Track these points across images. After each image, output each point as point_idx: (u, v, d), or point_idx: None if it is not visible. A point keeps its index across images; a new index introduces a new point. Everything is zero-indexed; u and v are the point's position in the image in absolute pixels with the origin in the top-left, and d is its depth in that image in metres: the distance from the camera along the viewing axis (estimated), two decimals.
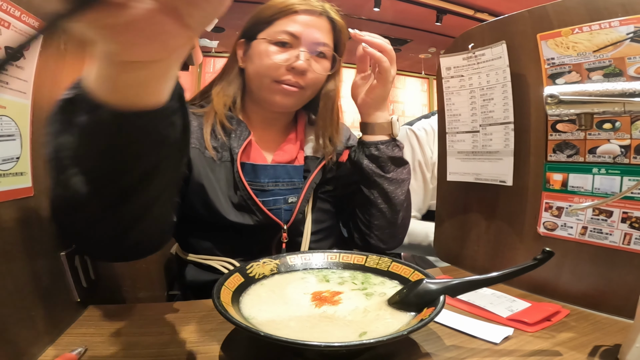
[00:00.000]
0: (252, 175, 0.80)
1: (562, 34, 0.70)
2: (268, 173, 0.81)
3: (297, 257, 0.68)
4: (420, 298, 0.52)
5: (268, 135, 0.87)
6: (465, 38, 0.86)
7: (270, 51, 0.77)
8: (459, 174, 0.90)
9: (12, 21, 0.47)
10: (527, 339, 0.56)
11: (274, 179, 0.82)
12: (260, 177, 0.80)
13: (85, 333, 0.56)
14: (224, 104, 0.81)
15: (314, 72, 0.79)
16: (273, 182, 0.81)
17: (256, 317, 0.51)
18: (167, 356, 0.50)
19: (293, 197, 0.83)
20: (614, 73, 0.65)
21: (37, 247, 0.53)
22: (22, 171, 0.50)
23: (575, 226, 0.71)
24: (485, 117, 0.83)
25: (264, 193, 0.80)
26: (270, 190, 0.81)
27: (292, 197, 0.83)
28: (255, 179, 0.80)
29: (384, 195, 0.81)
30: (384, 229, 0.85)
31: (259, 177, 0.80)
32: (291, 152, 0.86)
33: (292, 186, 0.84)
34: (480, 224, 0.88)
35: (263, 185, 0.80)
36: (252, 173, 0.80)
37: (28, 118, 0.51)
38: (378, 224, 0.84)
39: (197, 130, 0.78)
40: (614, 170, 0.67)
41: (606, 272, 0.66)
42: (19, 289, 0.48)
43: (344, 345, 0.42)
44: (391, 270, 0.64)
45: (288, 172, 0.84)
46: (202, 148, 0.77)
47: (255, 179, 0.80)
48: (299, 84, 0.78)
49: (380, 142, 0.80)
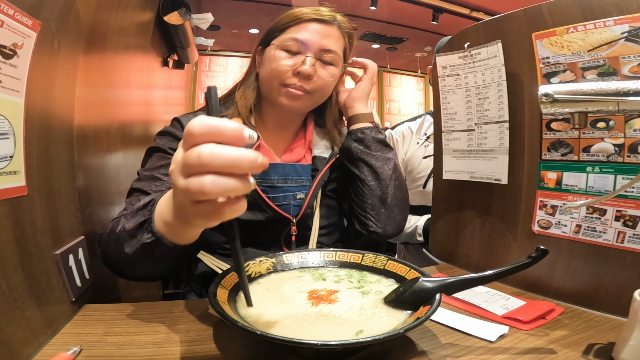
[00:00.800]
0: (263, 173, 0.83)
1: (556, 33, 0.70)
2: (277, 171, 0.86)
3: (294, 256, 0.68)
4: (416, 296, 0.52)
5: (279, 136, 0.91)
6: (460, 37, 0.86)
7: (279, 56, 0.81)
8: (454, 172, 0.91)
9: (6, 20, 0.46)
10: (522, 337, 0.56)
11: (283, 176, 0.87)
12: (270, 175, 0.85)
13: (80, 333, 0.56)
14: (246, 107, 0.86)
15: (320, 77, 0.83)
16: (282, 179, 0.87)
17: (252, 316, 0.51)
18: (162, 355, 0.50)
19: (301, 193, 0.88)
20: (608, 72, 0.65)
21: (31, 247, 0.53)
22: (15, 170, 0.50)
23: (569, 224, 0.71)
24: (480, 116, 0.84)
25: (273, 189, 0.85)
26: (279, 186, 0.86)
27: (300, 194, 0.88)
28: (266, 176, 0.85)
29: (372, 171, 0.86)
30: (378, 208, 0.86)
31: (269, 175, 0.85)
32: (299, 152, 0.91)
33: (301, 183, 0.89)
34: (474, 222, 0.88)
35: (273, 182, 0.85)
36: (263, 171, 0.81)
37: (21, 117, 0.51)
38: (371, 202, 0.86)
39: None
40: (607, 169, 0.67)
41: (600, 270, 0.67)
42: (13, 288, 0.48)
43: (341, 344, 0.42)
44: (387, 268, 0.64)
45: (297, 170, 0.89)
46: None
47: (266, 177, 0.85)
48: (303, 88, 0.81)
49: (365, 128, 0.88)
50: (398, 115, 7.32)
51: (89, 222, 0.75)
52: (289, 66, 0.80)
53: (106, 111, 1.04)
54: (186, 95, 3.72)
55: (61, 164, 0.63)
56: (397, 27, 5.43)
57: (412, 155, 1.43)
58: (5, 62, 0.47)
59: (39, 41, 0.53)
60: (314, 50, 0.81)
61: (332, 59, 0.83)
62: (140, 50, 1.47)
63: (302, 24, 0.82)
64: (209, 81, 5.69)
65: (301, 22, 0.82)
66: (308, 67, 0.79)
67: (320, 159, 0.90)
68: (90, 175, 0.85)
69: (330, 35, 0.83)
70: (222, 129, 0.37)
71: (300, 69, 0.80)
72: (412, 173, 1.41)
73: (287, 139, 0.93)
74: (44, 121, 0.57)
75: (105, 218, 0.89)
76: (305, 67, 0.79)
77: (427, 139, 1.43)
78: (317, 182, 0.87)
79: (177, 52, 2.20)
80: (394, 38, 5.92)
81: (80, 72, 0.71)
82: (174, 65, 2.28)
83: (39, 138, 0.55)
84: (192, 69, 5.35)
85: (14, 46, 0.48)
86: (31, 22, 0.51)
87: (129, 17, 1.18)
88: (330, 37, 0.83)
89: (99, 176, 0.91)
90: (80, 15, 0.67)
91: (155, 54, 1.81)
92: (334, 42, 0.83)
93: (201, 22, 2.14)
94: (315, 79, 0.82)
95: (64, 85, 0.64)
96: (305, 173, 0.90)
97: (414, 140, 1.46)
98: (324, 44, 0.82)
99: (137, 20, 1.32)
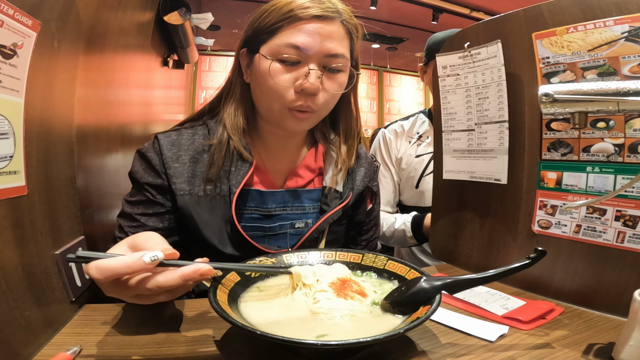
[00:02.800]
0: (259, 200, 0.76)
1: (556, 33, 0.70)
2: (276, 199, 0.77)
3: (294, 256, 0.67)
4: (417, 296, 0.52)
5: (282, 156, 0.80)
6: (460, 37, 0.86)
7: (275, 70, 0.66)
8: (454, 172, 0.90)
9: (6, 19, 0.46)
10: (522, 336, 0.56)
11: (282, 204, 0.77)
12: (267, 203, 0.76)
13: (80, 332, 0.56)
14: (237, 129, 0.74)
15: (327, 90, 0.69)
16: (281, 207, 0.77)
17: (253, 316, 0.51)
18: (162, 355, 0.50)
19: (301, 222, 0.78)
20: (608, 72, 0.65)
21: (30, 246, 0.52)
22: (15, 170, 0.50)
23: (569, 224, 0.71)
24: (480, 116, 0.84)
25: (270, 219, 0.77)
26: (277, 215, 0.77)
27: (299, 222, 0.78)
28: (262, 204, 0.76)
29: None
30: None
31: (266, 203, 0.76)
32: (306, 176, 0.81)
33: (302, 211, 0.79)
34: (474, 222, 0.88)
35: (270, 210, 0.76)
36: (258, 198, 0.76)
37: (21, 116, 0.51)
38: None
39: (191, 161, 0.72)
40: (607, 169, 0.67)
41: (600, 270, 0.67)
42: (13, 288, 0.48)
43: (341, 344, 0.42)
44: (387, 268, 0.64)
45: (298, 197, 0.79)
46: (195, 187, 0.71)
47: (262, 205, 0.76)
48: (310, 108, 0.68)
49: None
50: (398, 115, 7.32)
51: (89, 222, 0.75)
52: (289, 83, 0.66)
53: (106, 111, 1.04)
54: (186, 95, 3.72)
55: (61, 164, 0.63)
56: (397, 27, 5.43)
57: (404, 153, 1.43)
58: (5, 62, 0.47)
59: (38, 41, 0.53)
60: (317, 58, 0.66)
61: (340, 64, 0.69)
62: (140, 50, 1.47)
63: (297, 23, 0.65)
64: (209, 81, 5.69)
65: (295, 21, 0.65)
66: (314, 81, 0.65)
67: (332, 193, 0.78)
68: (90, 175, 0.85)
69: (334, 34, 0.67)
70: (118, 272, 0.44)
71: (305, 86, 0.65)
72: (405, 170, 1.42)
73: (292, 157, 0.81)
74: (44, 121, 0.57)
75: (105, 218, 0.89)
76: (309, 82, 0.65)
77: (419, 138, 1.42)
78: (324, 219, 0.76)
79: (177, 52, 2.20)
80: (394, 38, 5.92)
81: (80, 72, 0.71)
82: (174, 65, 2.28)
83: (39, 138, 0.55)
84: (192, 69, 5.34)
85: (13, 46, 0.48)
86: (31, 22, 0.51)
87: (129, 17, 1.18)
88: (334, 37, 0.67)
89: (99, 176, 0.91)
90: (80, 15, 0.67)
91: (155, 54, 1.81)
92: (339, 42, 0.68)
93: (201, 22, 2.14)
94: (321, 95, 0.68)
95: (64, 85, 0.64)
96: (309, 200, 0.79)
97: (405, 138, 1.45)
98: (328, 48, 0.66)
99: (137, 20, 1.32)
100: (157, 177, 0.72)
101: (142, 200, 0.72)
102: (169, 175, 0.71)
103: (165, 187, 0.72)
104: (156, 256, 0.45)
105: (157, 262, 0.45)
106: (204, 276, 0.47)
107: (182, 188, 0.71)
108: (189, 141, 0.75)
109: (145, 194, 0.72)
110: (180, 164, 0.72)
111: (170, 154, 0.72)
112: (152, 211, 0.72)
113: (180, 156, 0.73)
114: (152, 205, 0.72)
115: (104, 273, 0.43)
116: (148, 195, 0.72)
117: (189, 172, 0.72)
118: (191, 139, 0.75)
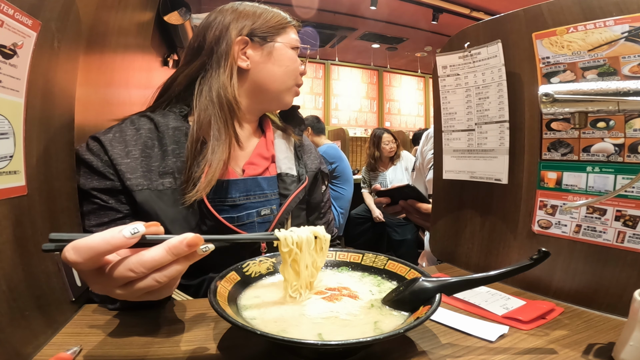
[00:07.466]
0: (223, 192, 0.77)
1: (557, 33, 0.70)
2: (239, 187, 0.79)
3: None
4: (416, 296, 0.52)
5: (242, 146, 0.84)
6: (460, 37, 0.86)
7: (295, 57, 0.86)
8: (454, 172, 0.90)
9: (6, 19, 0.46)
10: (522, 336, 0.56)
11: (245, 192, 0.80)
12: (231, 192, 0.78)
13: (80, 332, 0.56)
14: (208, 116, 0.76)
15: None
16: (244, 196, 0.79)
17: (252, 316, 0.51)
18: (162, 355, 0.50)
19: (266, 209, 0.82)
20: (609, 72, 0.65)
21: (30, 246, 0.52)
22: (15, 170, 0.50)
23: (569, 224, 0.71)
24: (480, 116, 0.84)
25: (235, 209, 0.78)
26: (241, 204, 0.79)
27: (265, 209, 0.81)
28: (227, 195, 0.77)
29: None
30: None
31: (230, 193, 0.78)
32: (262, 164, 0.85)
33: (265, 198, 0.82)
34: (474, 222, 0.88)
35: (235, 199, 0.78)
36: (222, 189, 0.77)
37: (21, 116, 0.51)
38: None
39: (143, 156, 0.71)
40: (607, 169, 0.67)
41: (600, 270, 0.67)
42: (13, 288, 0.48)
43: (341, 344, 0.42)
44: (387, 268, 0.64)
45: (259, 185, 0.82)
46: (154, 182, 0.70)
47: (227, 195, 0.77)
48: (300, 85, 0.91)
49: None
50: (398, 115, 7.32)
51: None
52: (299, 66, 0.88)
53: (106, 111, 1.04)
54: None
55: (61, 164, 0.63)
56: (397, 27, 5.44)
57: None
58: (5, 61, 0.47)
59: (38, 41, 0.53)
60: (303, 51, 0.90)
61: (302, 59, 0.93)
62: (140, 50, 1.47)
63: (292, 28, 0.87)
64: None
65: (290, 26, 0.87)
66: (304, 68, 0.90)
67: (288, 177, 0.85)
68: None
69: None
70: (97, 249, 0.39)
71: (302, 70, 0.89)
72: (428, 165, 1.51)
73: (245, 146, 0.85)
74: (44, 121, 0.57)
75: None
76: (304, 67, 0.90)
77: None
78: (290, 200, 0.81)
79: (177, 51, 2.20)
80: (394, 38, 5.92)
81: (80, 72, 0.70)
82: (174, 65, 2.27)
83: (39, 138, 0.55)
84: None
85: (13, 46, 0.48)
86: (31, 22, 0.51)
87: (128, 17, 1.18)
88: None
89: None
90: (80, 15, 0.67)
91: (155, 53, 1.81)
92: None
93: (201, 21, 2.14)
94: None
95: (64, 85, 0.64)
96: (269, 187, 0.83)
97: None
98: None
99: (137, 20, 1.32)
100: (103, 179, 0.68)
101: (93, 210, 0.68)
102: (121, 172, 0.68)
103: (117, 188, 0.68)
104: (136, 229, 0.41)
105: (139, 235, 0.41)
106: (192, 247, 0.42)
107: (139, 183, 0.69)
108: (135, 136, 0.73)
109: (94, 201, 0.68)
110: (131, 159, 0.69)
111: (118, 151, 0.69)
112: (107, 219, 0.68)
113: (129, 151, 0.70)
114: (106, 212, 0.68)
115: (81, 253, 0.39)
116: (98, 201, 0.68)
117: (144, 166, 0.70)
118: (136, 134, 0.73)
